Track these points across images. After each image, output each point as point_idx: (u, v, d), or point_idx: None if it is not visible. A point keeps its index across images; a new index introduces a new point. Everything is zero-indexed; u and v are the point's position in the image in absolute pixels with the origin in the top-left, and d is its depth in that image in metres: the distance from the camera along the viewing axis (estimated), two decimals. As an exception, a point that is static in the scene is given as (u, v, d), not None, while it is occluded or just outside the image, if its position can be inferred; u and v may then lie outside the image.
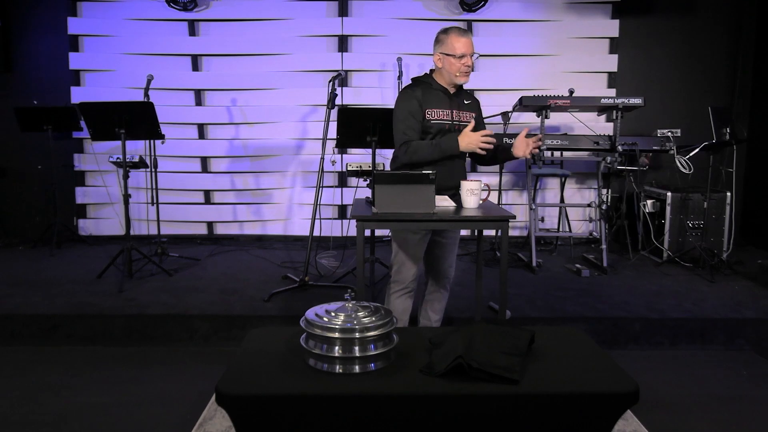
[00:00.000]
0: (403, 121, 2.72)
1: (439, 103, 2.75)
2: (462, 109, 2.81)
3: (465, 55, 2.68)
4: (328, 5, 5.49)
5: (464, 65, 2.69)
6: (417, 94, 2.72)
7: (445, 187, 2.81)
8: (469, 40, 2.71)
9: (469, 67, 2.71)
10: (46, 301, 3.64)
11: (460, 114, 2.79)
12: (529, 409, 1.62)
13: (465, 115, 2.81)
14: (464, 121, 2.79)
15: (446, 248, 2.93)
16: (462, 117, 2.79)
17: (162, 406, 2.65)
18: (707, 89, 5.52)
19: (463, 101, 2.83)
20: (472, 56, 2.71)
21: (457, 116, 2.78)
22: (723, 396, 2.81)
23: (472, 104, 2.88)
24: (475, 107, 2.90)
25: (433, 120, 2.73)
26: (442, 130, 2.74)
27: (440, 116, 2.74)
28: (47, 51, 5.52)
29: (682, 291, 3.91)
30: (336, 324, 1.74)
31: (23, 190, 5.63)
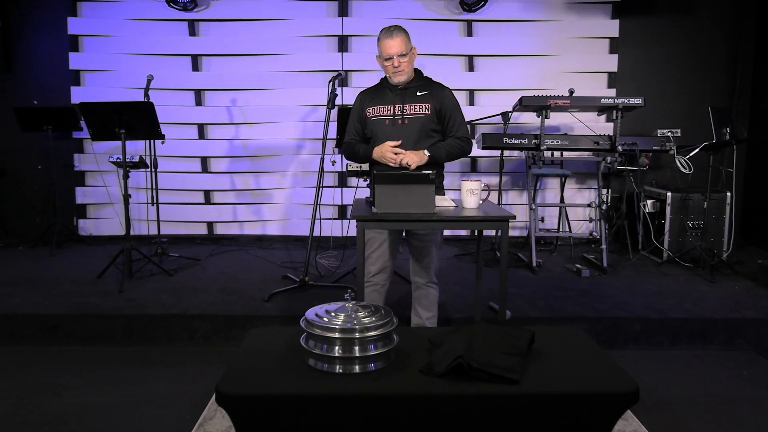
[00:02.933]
0: (349, 122, 2.95)
1: (382, 99, 2.85)
2: (410, 102, 2.81)
3: (391, 57, 2.74)
4: (328, 5, 5.48)
5: (392, 66, 2.76)
6: (362, 95, 2.91)
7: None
8: (395, 41, 2.74)
9: (397, 67, 2.76)
10: (46, 301, 3.64)
11: (404, 107, 2.80)
12: (529, 409, 1.62)
13: (409, 108, 2.80)
14: (410, 113, 2.79)
15: (422, 250, 2.89)
16: (409, 109, 2.80)
17: (162, 406, 2.65)
18: (707, 89, 5.52)
19: (415, 94, 2.83)
20: (400, 56, 2.74)
21: (400, 110, 2.80)
22: (723, 396, 2.81)
23: (428, 95, 2.83)
24: (433, 98, 2.83)
25: (372, 117, 2.84)
26: (381, 124, 2.82)
27: (380, 112, 2.83)
28: (47, 51, 5.52)
29: (682, 291, 3.91)
30: (336, 324, 1.74)
31: (23, 190, 5.62)
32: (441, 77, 5.65)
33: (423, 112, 2.80)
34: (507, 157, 5.07)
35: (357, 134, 2.93)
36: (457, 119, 2.85)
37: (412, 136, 2.77)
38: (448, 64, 5.57)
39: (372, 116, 2.85)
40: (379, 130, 2.83)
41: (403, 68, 2.78)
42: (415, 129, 2.78)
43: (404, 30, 2.81)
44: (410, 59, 2.81)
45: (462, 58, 5.56)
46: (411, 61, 2.83)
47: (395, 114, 2.81)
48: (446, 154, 2.81)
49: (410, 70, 2.83)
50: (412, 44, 2.85)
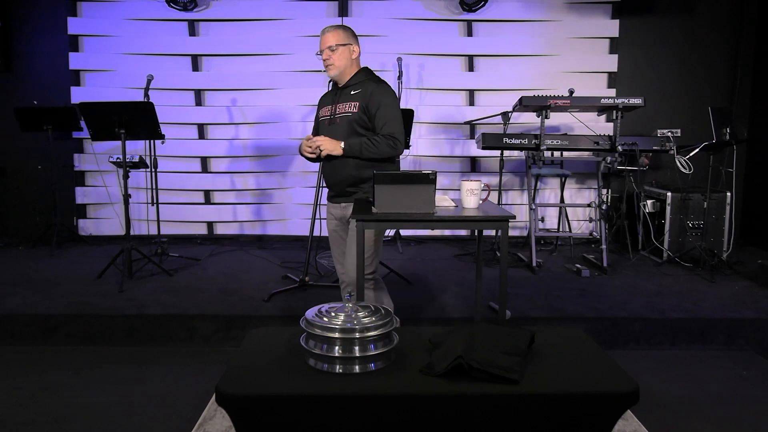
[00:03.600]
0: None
1: (326, 100, 2.91)
2: (342, 101, 2.79)
3: (322, 50, 2.79)
4: (328, 5, 5.49)
5: (323, 60, 2.79)
6: (319, 101, 2.97)
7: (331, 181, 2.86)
8: (326, 36, 2.78)
9: (326, 60, 2.78)
10: (46, 301, 3.64)
11: (338, 107, 2.79)
12: (529, 409, 1.62)
13: (342, 107, 2.78)
14: (340, 113, 2.78)
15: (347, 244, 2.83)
16: (340, 109, 2.78)
17: (162, 406, 2.65)
18: (707, 89, 5.52)
19: (350, 93, 2.78)
20: (329, 50, 2.76)
21: (336, 110, 2.80)
22: (723, 396, 2.80)
23: (359, 94, 2.75)
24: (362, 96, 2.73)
25: (320, 118, 2.90)
26: (323, 125, 2.85)
27: (324, 113, 2.87)
28: (47, 51, 5.52)
29: (682, 291, 3.91)
30: (336, 324, 1.74)
31: (23, 190, 5.62)
32: (441, 77, 5.71)
33: (351, 110, 2.74)
34: (507, 157, 5.07)
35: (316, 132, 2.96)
36: (383, 116, 2.70)
37: (340, 135, 2.72)
38: (448, 64, 5.57)
39: (320, 117, 2.90)
40: (322, 132, 2.83)
41: (332, 62, 2.76)
42: (342, 128, 2.74)
43: (341, 26, 2.81)
44: (342, 54, 2.77)
45: (462, 58, 5.56)
46: (344, 57, 2.78)
47: (332, 114, 2.81)
48: (362, 149, 2.68)
49: (343, 65, 2.78)
50: (354, 42, 2.82)
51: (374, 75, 2.86)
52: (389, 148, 2.70)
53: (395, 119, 2.73)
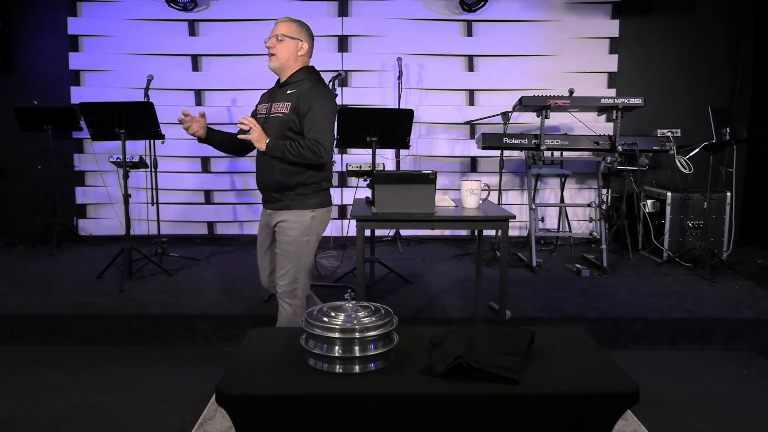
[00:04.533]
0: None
1: (265, 96, 2.80)
2: (278, 100, 2.67)
3: (269, 37, 2.65)
4: (328, 5, 5.49)
5: (267, 48, 2.65)
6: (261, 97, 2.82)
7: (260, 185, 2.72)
8: (277, 25, 2.66)
9: (270, 48, 2.63)
10: (46, 301, 3.64)
11: (272, 106, 2.67)
12: (529, 409, 1.62)
13: (276, 106, 2.66)
14: (275, 112, 2.65)
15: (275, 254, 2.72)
16: (274, 108, 2.66)
17: (162, 406, 2.65)
18: (707, 89, 5.52)
19: (286, 92, 2.66)
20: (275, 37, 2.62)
21: (271, 108, 2.67)
22: (723, 396, 2.81)
23: (294, 94, 2.63)
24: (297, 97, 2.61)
25: (257, 114, 2.76)
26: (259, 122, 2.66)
27: (260, 110, 2.75)
28: (47, 51, 5.52)
29: (682, 291, 3.91)
30: (336, 324, 1.74)
31: (23, 190, 5.62)
32: (441, 77, 5.70)
33: (283, 111, 2.61)
34: (507, 157, 5.07)
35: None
36: (311, 119, 2.55)
37: (270, 137, 2.59)
38: (448, 64, 5.57)
39: (257, 114, 2.75)
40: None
41: (275, 52, 2.62)
42: (273, 129, 2.61)
43: (295, 20, 2.68)
44: (287, 47, 2.62)
45: (462, 58, 5.56)
46: (288, 49, 2.62)
47: (267, 113, 2.69)
48: (285, 152, 2.54)
49: (285, 58, 2.63)
50: (305, 39, 2.67)
51: (316, 75, 2.71)
52: (312, 154, 2.52)
53: (324, 124, 2.57)
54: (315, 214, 2.67)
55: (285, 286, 2.71)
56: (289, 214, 2.64)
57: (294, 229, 2.64)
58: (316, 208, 2.66)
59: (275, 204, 2.67)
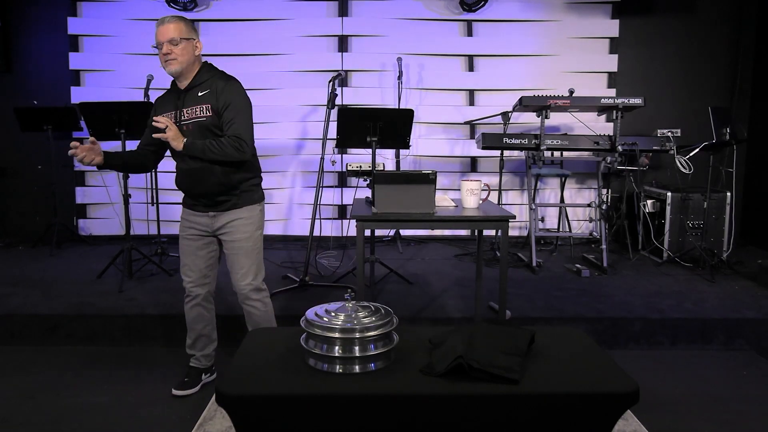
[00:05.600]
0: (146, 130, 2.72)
1: (166, 104, 2.64)
2: (189, 105, 2.56)
3: (161, 43, 2.50)
4: (328, 5, 5.49)
5: (163, 54, 2.51)
6: (156, 102, 2.72)
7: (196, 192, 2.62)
8: (166, 27, 2.50)
9: (167, 54, 2.49)
10: (46, 301, 3.64)
11: (183, 112, 2.56)
12: (529, 409, 1.62)
13: (191, 112, 2.56)
14: (189, 118, 2.55)
15: (230, 257, 2.69)
16: (185, 115, 2.56)
17: (162, 406, 2.66)
18: (707, 89, 5.52)
19: (197, 94, 2.57)
20: (171, 43, 2.49)
21: (182, 115, 2.56)
22: (723, 396, 2.81)
23: (208, 95, 2.55)
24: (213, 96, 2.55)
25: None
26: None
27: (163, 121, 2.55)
28: (47, 51, 5.52)
29: (682, 291, 3.91)
30: (336, 324, 1.74)
31: (23, 190, 5.62)
32: (441, 77, 5.71)
33: (203, 114, 2.53)
34: (507, 157, 5.07)
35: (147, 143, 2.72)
36: (230, 116, 2.51)
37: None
38: (448, 64, 5.57)
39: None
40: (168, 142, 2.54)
41: (175, 56, 2.50)
42: (195, 135, 2.52)
43: (183, 19, 2.56)
44: (186, 49, 2.52)
45: (462, 58, 5.56)
46: (187, 51, 2.53)
47: (178, 120, 2.56)
48: (205, 150, 2.49)
49: (186, 61, 2.53)
50: (197, 37, 2.60)
51: (220, 71, 2.66)
52: (234, 150, 2.49)
53: (243, 119, 2.54)
54: (261, 207, 2.73)
55: (250, 283, 2.70)
56: (239, 212, 2.64)
57: (249, 224, 2.66)
58: (260, 201, 2.72)
59: (221, 206, 2.63)
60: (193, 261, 2.72)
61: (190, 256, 2.72)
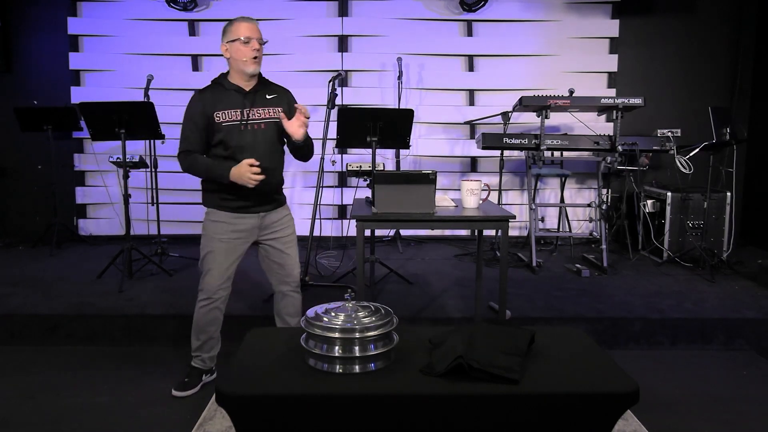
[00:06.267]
0: (185, 128, 2.62)
1: (229, 103, 2.60)
2: (258, 106, 2.63)
3: (251, 39, 2.55)
4: (328, 5, 5.49)
5: (252, 49, 2.55)
6: (205, 97, 2.61)
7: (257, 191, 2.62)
8: (255, 26, 2.58)
9: (257, 51, 2.56)
10: (46, 301, 3.64)
11: (253, 111, 2.61)
12: (529, 409, 1.62)
13: (263, 112, 2.64)
14: (262, 118, 2.63)
15: (282, 252, 2.78)
16: (256, 114, 2.62)
17: (162, 406, 2.66)
18: (707, 89, 5.52)
19: (264, 97, 2.66)
20: (260, 42, 2.58)
21: (249, 115, 2.61)
22: (723, 396, 2.81)
23: (277, 99, 2.69)
24: (282, 101, 2.71)
25: (223, 122, 2.58)
26: (233, 131, 2.59)
27: (231, 117, 2.59)
28: (47, 51, 5.51)
29: (682, 291, 3.91)
30: (336, 324, 1.74)
31: (23, 190, 5.62)
32: (441, 77, 5.70)
33: (267, 116, 2.64)
34: (507, 157, 5.07)
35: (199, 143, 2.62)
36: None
37: (267, 142, 2.64)
38: (448, 64, 5.57)
39: (222, 120, 2.58)
40: (231, 138, 2.58)
41: (260, 57, 2.59)
42: (270, 134, 2.64)
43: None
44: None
45: (462, 58, 5.56)
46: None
47: (246, 119, 2.59)
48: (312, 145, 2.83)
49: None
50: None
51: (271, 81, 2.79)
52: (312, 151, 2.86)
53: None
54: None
55: (298, 274, 2.86)
56: (283, 209, 2.83)
57: (291, 219, 2.86)
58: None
59: (273, 204, 2.74)
60: (226, 264, 2.71)
61: (225, 259, 2.71)
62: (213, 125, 2.58)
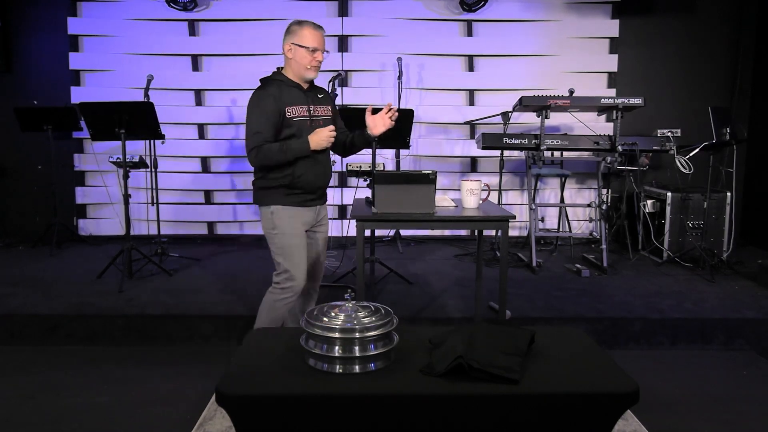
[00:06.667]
0: (255, 123, 2.61)
1: (296, 99, 2.67)
2: (316, 103, 2.76)
3: (317, 49, 2.64)
4: (328, 5, 5.48)
5: (315, 59, 2.65)
6: (274, 93, 2.63)
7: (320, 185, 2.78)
8: (322, 36, 2.68)
9: (320, 62, 2.68)
10: (46, 301, 3.64)
11: (315, 108, 2.73)
12: (529, 409, 1.62)
13: (321, 109, 2.77)
14: (321, 115, 2.75)
15: (321, 245, 2.90)
16: (318, 111, 2.75)
17: (162, 406, 2.65)
18: (707, 89, 5.52)
19: (317, 95, 2.79)
20: (323, 52, 2.68)
21: (314, 111, 2.72)
22: (723, 396, 2.81)
23: (325, 98, 2.84)
24: (330, 101, 2.89)
25: (294, 118, 2.65)
26: (303, 127, 2.66)
27: (300, 113, 2.67)
28: (47, 51, 5.51)
29: (682, 291, 3.91)
30: (336, 324, 1.74)
31: (23, 190, 5.62)
32: (441, 77, 5.71)
33: (329, 114, 2.81)
34: (507, 157, 5.07)
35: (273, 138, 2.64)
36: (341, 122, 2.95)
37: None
38: (448, 64, 5.57)
39: (294, 116, 2.65)
40: (302, 133, 2.66)
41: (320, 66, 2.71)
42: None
43: None
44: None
45: (462, 58, 5.56)
46: None
47: (310, 115, 2.70)
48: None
49: None
50: None
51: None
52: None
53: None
54: None
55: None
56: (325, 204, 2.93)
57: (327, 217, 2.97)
58: None
59: (323, 198, 2.90)
60: (305, 256, 2.76)
61: (305, 252, 2.76)
62: (283, 120, 2.64)
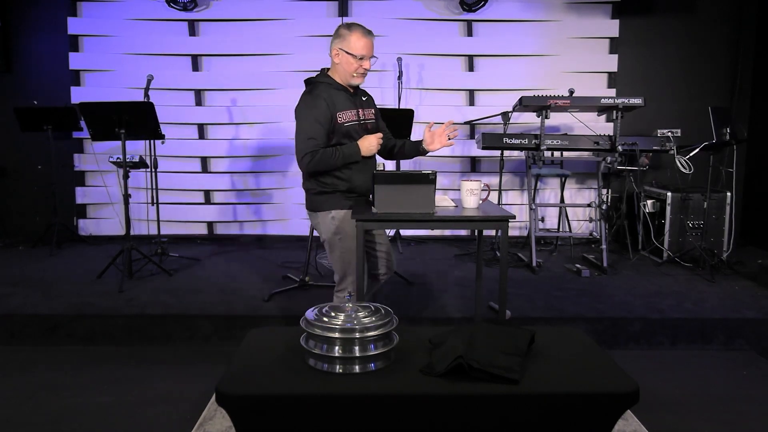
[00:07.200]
0: (309, 129, 2.58)
1: (345, 103, 2.66)
2: (364, 107, 2.76)
3: (365, 57, 2.63)
4: (328, 5, 5.48)
5: (362, 67, 2.64)
6: (325, 97, 2.61)
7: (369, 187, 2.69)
8: (372, 42, 2.65)
9: (366, 69, 2.66)
10: (46, 301, 3.64)
11: (363, 112, 2.74)
12: (529, 409, 1.62)
13: (367, 112, 2.77)
14: (368, 118, 2.77)
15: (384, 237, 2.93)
16: (366, 114, 2.75)
17: (162, 406, 2.65)
18: (707, 89, 5.52)
19: (362, 98, 2.80)
20: (371, 59, 2.66)
21: (362, 115, 2.73)
22: (723, 396, 2.81)
23: (369, 101, 2.84)
24: (373, 103, 2.89)
25: (345, 123, 2.64)
26: (352, 130, 2.66)
27: (350, 117, 2.66)
28: (47, 51, 5.51)
29: (682, 291, 3.91)
30: (336, 324, 1.74)
31: (23, 190, 5.62)
32: (441, 77, 5.71)
33: (371, 117, 2.80)
34: (507, 157, 5.07)
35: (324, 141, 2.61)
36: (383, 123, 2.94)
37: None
38: (448, 64, 5.57)
39: (345, 121, 2.64)
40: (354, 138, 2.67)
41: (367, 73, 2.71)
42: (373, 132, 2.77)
43: None
44: None
45: (462, 58, 5.56)
46: None
47: (358, 119, 2.70)
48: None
49: None
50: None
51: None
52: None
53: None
54: None
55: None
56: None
57: None
58: None
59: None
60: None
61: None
62: (334, 126, 2.62)
